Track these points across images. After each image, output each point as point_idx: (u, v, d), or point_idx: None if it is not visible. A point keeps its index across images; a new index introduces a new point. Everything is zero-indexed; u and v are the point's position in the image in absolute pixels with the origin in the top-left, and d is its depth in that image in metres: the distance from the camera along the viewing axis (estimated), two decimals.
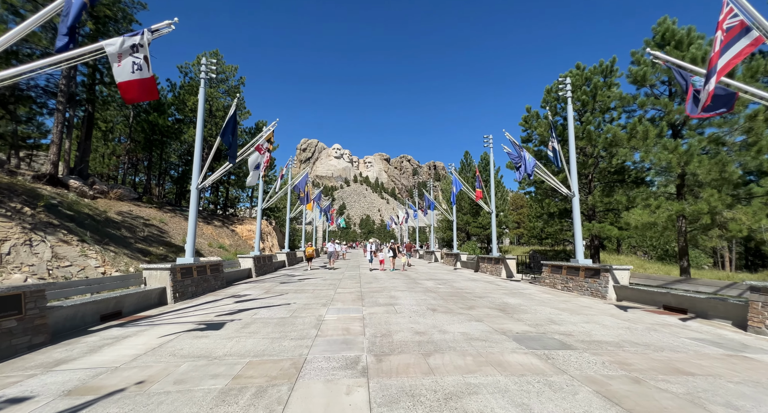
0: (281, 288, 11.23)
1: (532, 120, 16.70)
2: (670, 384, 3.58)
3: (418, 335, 5.48)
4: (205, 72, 11.43)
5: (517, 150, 11.89)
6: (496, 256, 17.60)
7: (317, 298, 9.20)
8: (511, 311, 7.57)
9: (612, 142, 11.62)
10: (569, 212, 16.60)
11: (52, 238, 9.90)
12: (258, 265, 15.98)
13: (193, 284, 9.72)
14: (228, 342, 5.07)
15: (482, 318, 6.82)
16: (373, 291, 10.51)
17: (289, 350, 4.72)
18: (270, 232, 30.74)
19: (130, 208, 18.24)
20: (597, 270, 10.05)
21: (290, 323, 6.33)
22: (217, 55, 28.61)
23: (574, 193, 11.55)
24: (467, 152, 39.14)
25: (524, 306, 8.14)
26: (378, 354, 4.52)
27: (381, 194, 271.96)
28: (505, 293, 10.39)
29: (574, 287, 10.92)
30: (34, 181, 13.72)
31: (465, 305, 8.16)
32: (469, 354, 4.54)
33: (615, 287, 9.45)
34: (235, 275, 13.72)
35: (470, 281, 13.77)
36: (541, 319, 6.72)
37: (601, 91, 14.19)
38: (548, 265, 12.59)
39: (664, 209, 10.14)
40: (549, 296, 9.93)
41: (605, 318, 6.88)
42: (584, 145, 14.03)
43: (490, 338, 5.32)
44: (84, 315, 6.06)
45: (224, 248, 21.53)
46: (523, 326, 6.14)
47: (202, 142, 11.10)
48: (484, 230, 34.03)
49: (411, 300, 8.88)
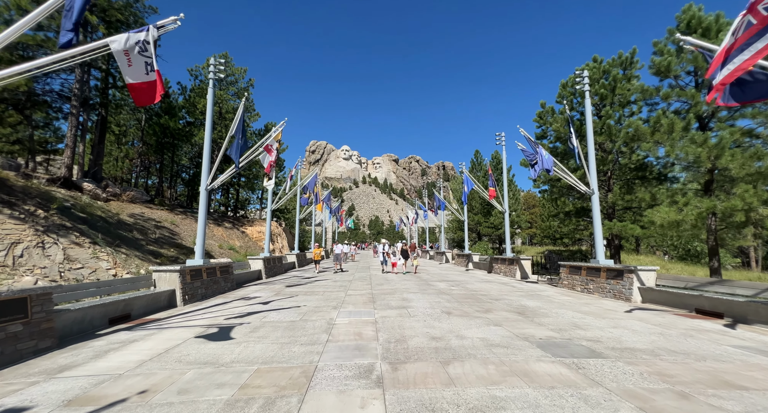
0: (291, 290, 11.05)
1: (547, 116, 16.13)
2: (722, 401, 3.19)
3: (435, 340, 5.17)
4: (214, 73, 11.36)
5: (533, 147, 11.46)
6: (510, 257, 17.13)
7: (328, 300, 8.97)
8: (531, 314, 7.19)
9: (634, 136, 11.02)
10: (586, 210, 16.01)
11: (65, 240, 9.96)
12: (268, 266, 15.88)
13: (203, 287, 9.62)
14: (236, 348, 4.86)
15: (501, 321, 6.47)
16: (385, 293, 10.24)
17: (299, 356, 4.48)
18: (280, 233, 30.78)
19: (142, 210, 18.41)
20: (620, 271, 9.55)
21: (300, 327, 6.10)
22: (226, 58, 28.84)
23: (593, 190, 11.06)
24: (477, 151, 38.55)
25: (544, 309, 7.74)
26: (393, 362, 4.23)
27: (390, 195, 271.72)
28: (521, 296, 9.98)
29: (594, 288, 10.43)
30: (48, 184, 13.95)
31: (481, 309, 7.81)
32: (491, 362, 4.21)
33: (640, 289, 8.95)
34: (245, 276, 13.63)
35: (484, 283, 13.37)
36: (564, 323, 6.33)
37: (620, 84, 13.54)
38: (566, 266, 12.10)
39: (693, 206, 9.52)
40: (569, 299, 9.49)
41: (634, 323, 6.44)
42: (603, 140, 13.41)
43: (512, 344, 4.98)
44: (92, 319, 5.95)
45: (234, 250, 21.58)
46: (546, 331, 5.77)
47: (211, 143, 11.01)
48: (496, 230, 33.40)
49: (424, 303, 8.57)
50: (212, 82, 11.30)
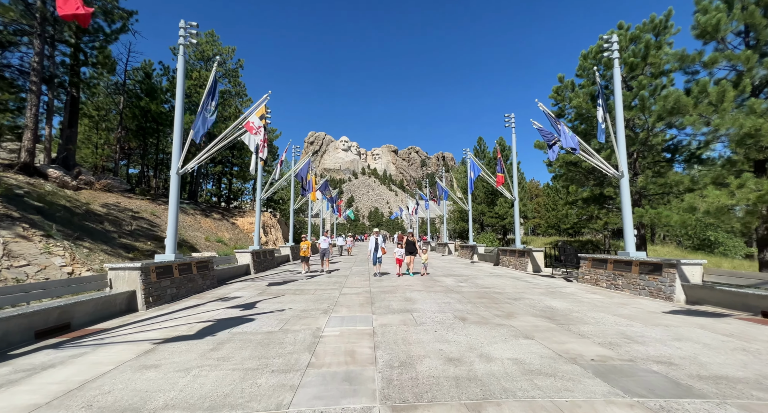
0: (278, 289, 9.76)
1: (566, 91, 14.54)
2: None
3: (453, 364, 3.86)
4: (185, 37, 9.84)
5: (554, 124, 10.01)
6: (519, 248, 15.84)
7: (318, 301, 7.67)
8: (563, 319, 5.90)
9: (672, 109, 9.53)
10: (604, 197, 14.66)
11: (8, 233, 8.57)
12: (257, 261, 14.58)
13: (174, 286, 8.30)
14: (182, 379, 3.55)
15: (530, 331, 5.16)
16: (385, 292, 8.94)
17: (264, 395, 3.16)
18: (274, 225, 29.44)
19: (118, 200, 16.95)
20: (657, 265, 8.24)
21: (278, 341, 4.79)
22: (213, 36, 26.93)
23: (622, 173, 9.66)
24: (480, 137, 36.90)
25: (576, 312, 6.45)
26: (398, 406, 2.92)
27: (389, 186, 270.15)
28: (542, 294, 8.70)
29: (624, 285, 9.14)
30: (5, 170, 12.47)
31: (501, 312, 6.51)
32: (543, 408, 2.89)
33: (684, 286, 7.66)
34: (230, 272, 12.33)
35: (494, 278, 12.10)
36: (610, 333, 5.03)
37: (653, 52, 11.95)
38: (588, 258, 10.80)
39: (748, 189, 8.14)
40: (598, 297, 8.21)
41: (697, 332, 5.14)
42: (633, 116, 11.87)
43: (558, 370, 3.67)
44: (7, 333, 4.62)
45: (223, 243, 20.26)
46: (594, 346, 4.47)
47: (183, 118, 9.56)
48: (501, 220, 32.05)
49: (431, 304, 7.28)
50: (182, 49, 9.82)
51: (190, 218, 20.98)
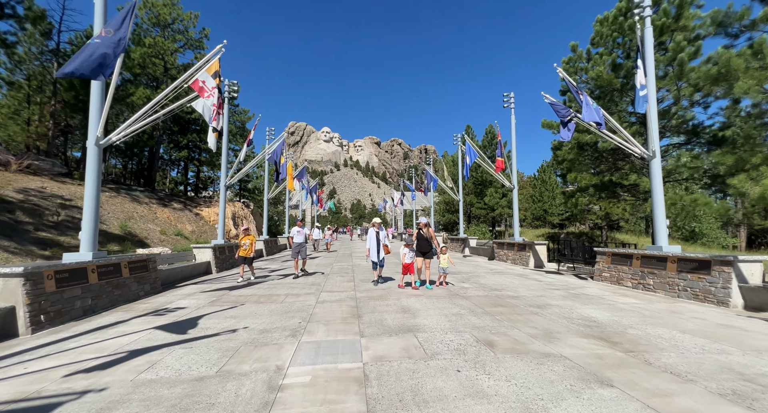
0: (238, 294, 7.74)
1: (580, 62, 12.98)
2: None
3: None
4: None
5: (576, 93, 8.38)
6: (519, 241, 14.45)
7: (285, 316, 5.75)
8: (624, 341, 4.29)
9: (718, 76, 8.17)
10: (614, 184, 13.35)
11: None
12: (220, 257, 12.41)
13: (89, 295, 6.13)
14: None
15: (598, 369, 3.49)
16: (374, 298, 7.12)
17: None
18: (246, 216, 26.86)
19: (44, 184, 14.08)
20: (704, 262, 6.84)
21: (206, 403, 2.86)
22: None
23: (654, 153, 8.20)
24: (469, 126, 35.40)
25: (631, 328, 4.87)
26: None
27: (372, 179, 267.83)
28: (565, 297, 7.15)
29: (657, 285, 7.75)
30: None
31: (534, 329, 4.84)
32: None
33: (743, 288, 6.28)
34: (183, 272, 10.16)
35: (498, 275, 10.56)
36: (711, 369, 3.43)
37: (686, 11, 10.49)
38: (607, 253, 9.40)
39: None
40: (633, 301, 6.75)
41: None
42: (665, 85, 10.51)
43: None
44: None
45: (184, 236, 17.71)
46: (710, 395, 2.83)
47: None
48: (491, 211, 30.86)
49: (438, 317, 5.53)
50: None
51: (143, 207, 18.18)
